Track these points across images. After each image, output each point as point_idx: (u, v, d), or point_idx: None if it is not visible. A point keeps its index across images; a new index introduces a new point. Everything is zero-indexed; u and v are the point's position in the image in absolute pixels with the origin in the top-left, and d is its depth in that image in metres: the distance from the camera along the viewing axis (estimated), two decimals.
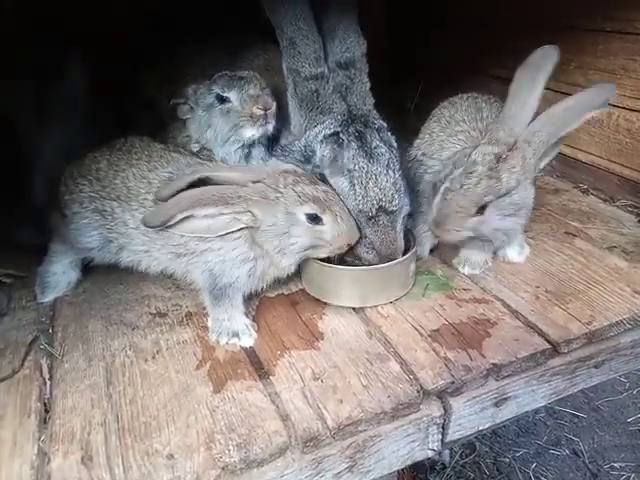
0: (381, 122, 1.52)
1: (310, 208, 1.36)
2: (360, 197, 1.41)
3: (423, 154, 1.75)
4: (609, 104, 2.07)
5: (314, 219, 1.37)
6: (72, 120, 1.86)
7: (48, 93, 1.83)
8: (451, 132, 1.71)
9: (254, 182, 1.38)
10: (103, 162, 1.51)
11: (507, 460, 2.55)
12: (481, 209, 1.43)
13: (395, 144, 1.52)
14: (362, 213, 1.43)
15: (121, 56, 2.28)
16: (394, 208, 1.43)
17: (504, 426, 2.68)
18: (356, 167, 1.41)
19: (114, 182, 1.47)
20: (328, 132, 1.46)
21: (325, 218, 1.37)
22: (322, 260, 1.47)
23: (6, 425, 1.19)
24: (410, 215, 1.57)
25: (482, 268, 1.65)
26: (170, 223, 1.34)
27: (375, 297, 1.51)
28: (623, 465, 2.55)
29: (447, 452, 2.49)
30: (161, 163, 1.49)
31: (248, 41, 1.87)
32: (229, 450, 1.10)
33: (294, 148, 1.55)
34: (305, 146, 1.51)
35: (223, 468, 1.07)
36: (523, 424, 2.78)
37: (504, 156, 1.43)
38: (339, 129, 1.46)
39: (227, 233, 1.38)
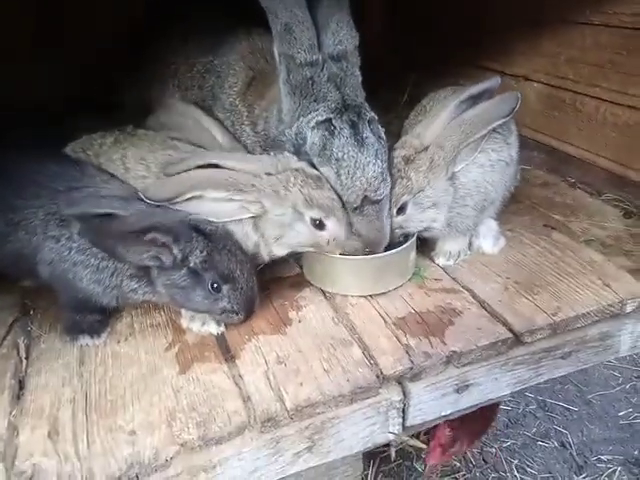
0: (373, 114, 1.51)
1: (316, 213, 1.40)
2: (346, 188, 1.42)
3: None
4: (599, 98, 2.11)
5: (318, 225, 1.42)
6: None
7: None
8: None
9: (268, 174, 1.40)
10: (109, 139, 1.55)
11: (493, 450, 2.57)
12: (402, 209, 1.53)
13: (384, 137, 1.52)
14: (348, 204, 1.44)
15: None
16: (379, 197, 1.44)
17: None
18: (345, 157, 1.40)
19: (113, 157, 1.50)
20: (320, 119, 1.45)
21: (328, 224, 1.42)
22: None
23: None
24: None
25: (457, 259, 1.67)
26: (176, 200, 1.34)
27: (374, 286, 1.54)
28: (610, 458, 2.54)
29: None
30: (163, 147, 1.52)
31: (230, 25, 1.87)
32: (188, 428, 1.15)
33: (284, 138, 1.54)
34: (296, 134, 1.49)
35: (182, 445, 1.12)
36: (512, 415, 2.79)
37: (412, 158, 1.52)
38: (332, 116, 1.44)
39: (230, 220, 1.40)
